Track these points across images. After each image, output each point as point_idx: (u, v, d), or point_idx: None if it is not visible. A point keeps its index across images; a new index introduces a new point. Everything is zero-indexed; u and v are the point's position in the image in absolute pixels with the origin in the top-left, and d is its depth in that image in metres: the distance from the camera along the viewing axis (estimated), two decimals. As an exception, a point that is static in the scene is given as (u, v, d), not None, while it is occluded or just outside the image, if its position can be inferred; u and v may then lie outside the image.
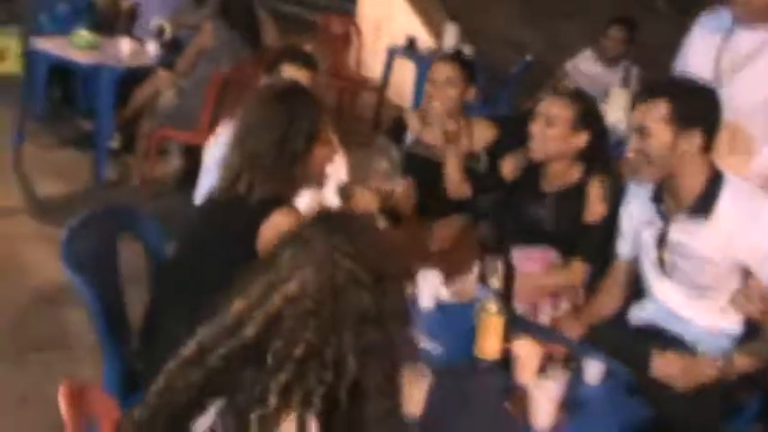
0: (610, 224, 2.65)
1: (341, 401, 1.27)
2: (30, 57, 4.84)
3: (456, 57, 3.29)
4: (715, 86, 2.40)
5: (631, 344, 2.40)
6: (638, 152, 2.31)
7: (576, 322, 2.54)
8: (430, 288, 2.42)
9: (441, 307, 2.45)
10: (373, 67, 6.92)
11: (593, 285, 2.73)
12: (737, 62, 2.76)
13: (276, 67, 2.83)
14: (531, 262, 2.71)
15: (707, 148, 2.30)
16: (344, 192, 2.89)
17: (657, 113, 2.26)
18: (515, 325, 2.26)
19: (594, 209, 2.71)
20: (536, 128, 2.75)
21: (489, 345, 2.13)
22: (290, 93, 2.19)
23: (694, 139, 2.26)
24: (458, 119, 3.20)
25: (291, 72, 2.80)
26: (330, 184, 2.75)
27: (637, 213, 2.52)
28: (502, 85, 6.03)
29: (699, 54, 2.84)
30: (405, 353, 1.42)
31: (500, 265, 2.15)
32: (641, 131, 2.29)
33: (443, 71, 3.14)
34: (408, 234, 3.11)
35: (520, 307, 2.62)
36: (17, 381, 3.02)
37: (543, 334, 2.31)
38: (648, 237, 2.46)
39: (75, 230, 2.16)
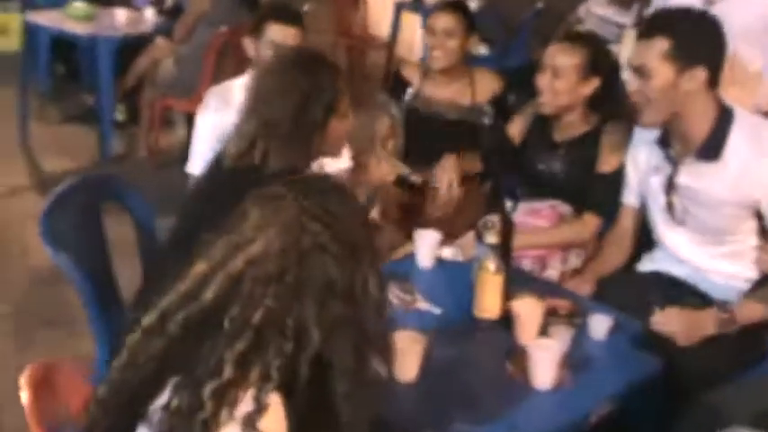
0: (624, 174, 2.53)
1: (300, 375, 1.19)
2: (29, 31, 4.77)
3: (455, 6, 3.13)
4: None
5: (641, 296, 2.30)
6: (639, 94, 2.18)
7: (584, 278, 2.44)
8: (428, 247, 2.33)
9: (440, 266, 2.35)
10: (383, 25, 6.76)
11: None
12: None
13: (261, 27, 2.71)
14: (540, 216, 2.60)
15: (712, 84, 2.16)
16: (359, 161, 2.80)
17: (657, 51, 2.12)
18: (517, 282, 2.17)
19: (608, 159, 2.58)
20: (543, 81, 2.62)
21: (489, 303, 2.04)
22: (312, 60, 2.11)
23: (698, 77, 2.13)
24: (460, 70, 3.09)
25: (277, 31, 2.69)
26: (342, 156, 2.67)
27: (644, 159, 2.39)
28: (514, 35, 5.86)
29: None
30: (380, 330, 1.33)
31: (497, 221, 2.05)
32: (641, 72, 2.16)
33: (442, 21, 3.02)
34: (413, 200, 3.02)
35: (527, 263, 2.53)
36: (23, 360, 2.98)
37: (547, 290, 2.22)
38: (656, 182, 2.34)
39: (55, 204, 2.09)
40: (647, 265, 2.48)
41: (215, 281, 1.24)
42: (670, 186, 2.29)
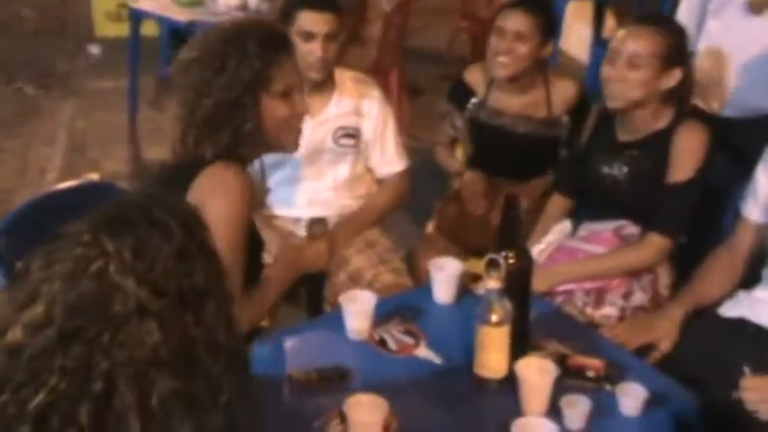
0: (702, 185, 2.08)
1: None
2: (134, 17, 4.75)
3: (533, 3, 2.58)
4: None
5: (728, 353, 1.83)
6: None
7: (677, 304, 2.01)
8: (447, 279, 1.95)
9: (464, 302, 1.95)
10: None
11: (683, 265, 2.15)
12: None
13: (291, 15, 2.40)
14: (598, 241, 2.16)
15: None
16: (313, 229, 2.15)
17: None
18: (550, 328, 1.78)
19: (682, 165, 2.11)
20: (614, 71, 2.14)
21: (491, 361, 1.65)
22: (237, 27, 1.79)
23: None
24: (535, 79, 2.60)
25: (308, 19, 2.36)
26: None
27: None
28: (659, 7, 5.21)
29: None
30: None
31: (505, 259, 1.65)
32: None
33: (514, 22, 2.52)
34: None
35: (579, 297, 2.11)
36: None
37: (588, 341, 1.80)
38: None
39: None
40: (733, 308, 1.99)
41: None
42: None
